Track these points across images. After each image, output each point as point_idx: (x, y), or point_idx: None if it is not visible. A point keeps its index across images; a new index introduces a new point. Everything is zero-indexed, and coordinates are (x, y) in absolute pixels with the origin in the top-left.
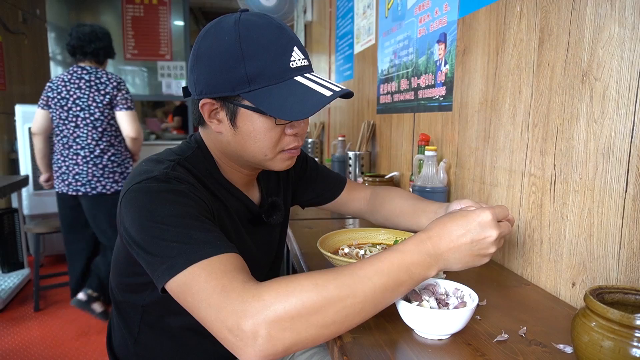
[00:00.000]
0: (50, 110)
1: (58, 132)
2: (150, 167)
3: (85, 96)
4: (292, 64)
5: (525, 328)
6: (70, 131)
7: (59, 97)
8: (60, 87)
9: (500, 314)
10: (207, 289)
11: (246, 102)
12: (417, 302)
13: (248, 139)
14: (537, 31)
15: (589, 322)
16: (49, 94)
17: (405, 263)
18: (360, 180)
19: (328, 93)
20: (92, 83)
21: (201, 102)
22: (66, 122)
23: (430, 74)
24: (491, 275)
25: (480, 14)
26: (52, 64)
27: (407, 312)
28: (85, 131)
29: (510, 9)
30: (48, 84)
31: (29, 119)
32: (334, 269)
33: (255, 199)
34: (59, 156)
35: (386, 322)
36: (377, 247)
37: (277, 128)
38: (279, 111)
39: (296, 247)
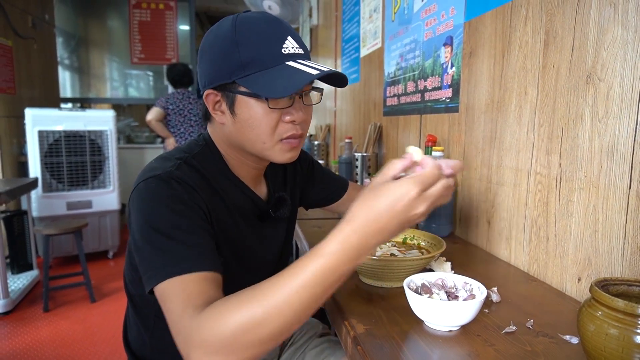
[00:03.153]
0: (168, 113)
1: (175, 131)
2: (157, 165)
3: (195, 108)
4: (285, 50)
5: (532, 320)
6: (187, 129)
7: (177, 108)
8: (177, 101)
9: (508, 308)
10: (172, 308)
11: (242, 89)
12: (428, 295)
13: (246, 125)
14: (543, 34)
15: (594, 312)
16: (170, 106)
17: (332, 268)
18: (367, 181)
19: (315, 72)
20: (195, 100)
21: (205, 93)
22: (184, 123)
23: (436, 76)
24: (498, 272)
25: (486, 17)
26: (60, 68)
27: (418, 304)
28: (196, 129)
29: (515, 13)
30: (164, 100)
31: (38, 122)
32: (260, 287)
33: (263, 194)
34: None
35: (397, 314)
36: (387, 244)
37: (272, 114)
38: (266, 90)
39: (306, 246)
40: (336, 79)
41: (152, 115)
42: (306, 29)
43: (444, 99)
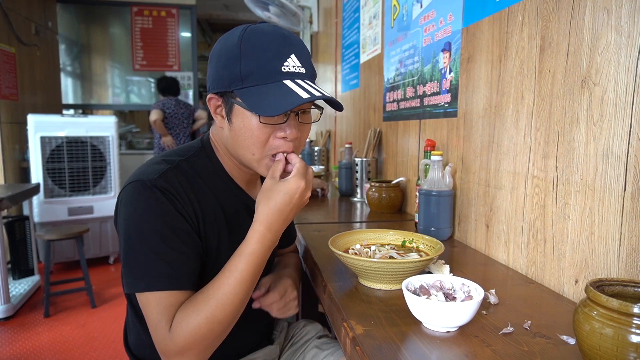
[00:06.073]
0: (165, 116)
1: (171, 132)
2: (147, 169)
3: (186, 113)
4: (284, 69)
5: (529, 322)
6: (182, 130)
7: (172, 112)
8: (171, 107)
9: (506, 310)
10: (149, 317)
11: (238, 99)
12: (426, 297)
13: (239, 135)
14: (538, 39)
15: (590, 312)
16: (166, 110)
17: (256, 262)
18: (367, 186)
19: (306, 95)
20: (185, 106)
21: (208, 96)
22: (178, 125)
23: (435, 81)
24: (496, 275)
25: (483, 23)
26: (62, 75)
27: (416, 305)
28: (188, 130)
29: (512, 19)
30: (161, 103)
31: (40, 128)
32: (207, 289)
33: (255, 195)
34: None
35: (396, 316)
36: (386, 246)
37: (264, 128)
38: (254, 106)
39: (303, 247)
40: (334, 102)
41: (157, 115)
42: (307, 35)
43: (442, 104)
